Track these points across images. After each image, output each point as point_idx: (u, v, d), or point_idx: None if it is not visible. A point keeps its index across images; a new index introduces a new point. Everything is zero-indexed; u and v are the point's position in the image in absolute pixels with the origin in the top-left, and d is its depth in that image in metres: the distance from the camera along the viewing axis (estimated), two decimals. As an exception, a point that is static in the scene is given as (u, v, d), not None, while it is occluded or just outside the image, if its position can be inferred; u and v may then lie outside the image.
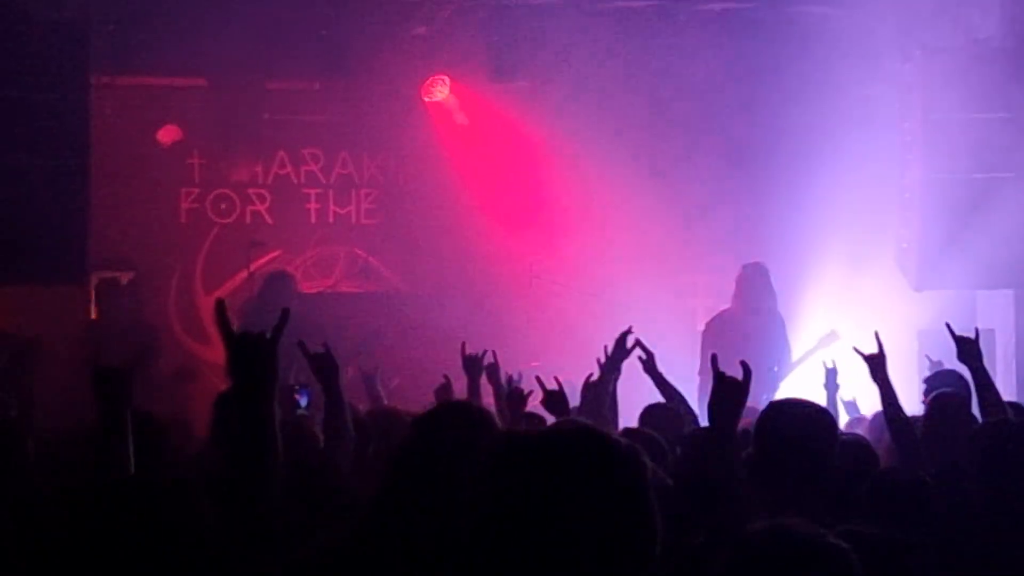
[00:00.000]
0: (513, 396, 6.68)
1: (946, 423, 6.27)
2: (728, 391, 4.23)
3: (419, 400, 8.87)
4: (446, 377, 7.40)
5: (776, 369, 10.48)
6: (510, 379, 7.34)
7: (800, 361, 10.69)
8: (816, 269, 11.91)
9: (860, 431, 6.96)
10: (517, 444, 2.44)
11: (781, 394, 9.36)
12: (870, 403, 8.61)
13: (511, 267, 12.66)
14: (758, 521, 2.91)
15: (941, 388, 7.02)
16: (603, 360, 7.21)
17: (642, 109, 12.58)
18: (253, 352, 3.60)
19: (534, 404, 6.66)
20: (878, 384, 6.34)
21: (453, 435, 3.81)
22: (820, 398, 8.59)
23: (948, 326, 6.74)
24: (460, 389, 7.32)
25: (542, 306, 12.48)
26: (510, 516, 2.34)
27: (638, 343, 7.02)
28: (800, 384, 10.18)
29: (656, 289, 12.41)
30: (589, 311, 11.73)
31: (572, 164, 12.72)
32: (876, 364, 6.40)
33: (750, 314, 10.72)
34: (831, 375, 8.54)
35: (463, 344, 7.23)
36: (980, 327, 7.05)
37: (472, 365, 7.13)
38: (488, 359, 7.47)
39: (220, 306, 3.71)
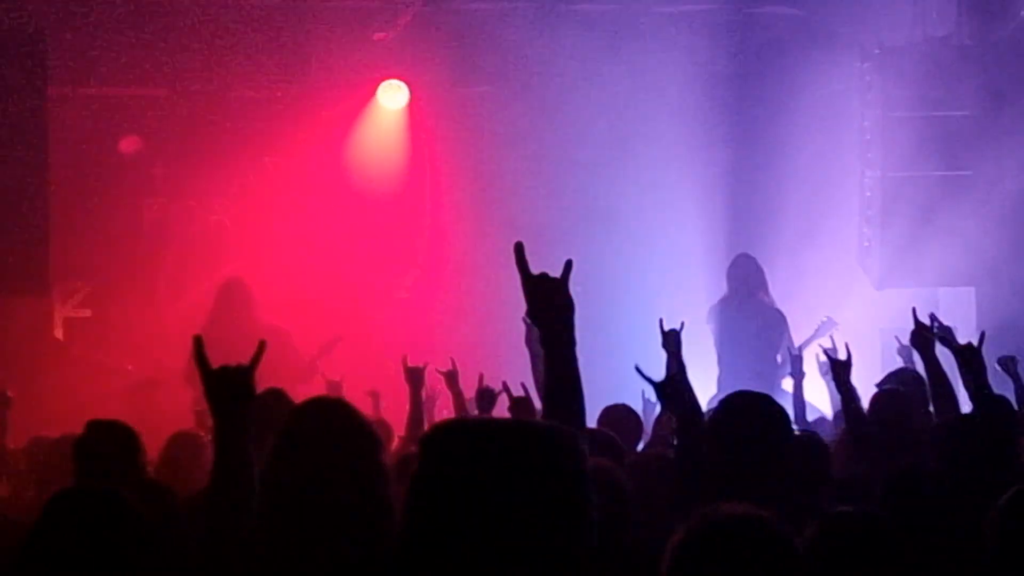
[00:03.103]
0: (483, 396, 6.76)
1: (887, 419, 6.34)
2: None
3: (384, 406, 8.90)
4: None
5: (779, 360, 10.51)
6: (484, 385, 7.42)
7: (801, 349, 10.68)
8: (777, 268, 11.95)
9: (821, 431, 7.02)
10: (452, 433, 2.47)
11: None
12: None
13: (476, 271, 12.64)
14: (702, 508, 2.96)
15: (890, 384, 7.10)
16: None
17: (605, 111, 12.60)
18: (230, 385, 3.72)
19: (500, 411, 6.71)
20: (840, 388, 6.46)
21: (319, 432, 3.88)
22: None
23: (914, 310, 6.83)
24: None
25: (510, 311, 12.46)
26: (444, 505, 2.36)
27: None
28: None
29: (622, 291, 12.43)
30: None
31: (536, 168, 12.73)
32: (841, 369, 6.52)
33: (749, 305, 10.73)
34: (797, 362, 8.63)
35: (404, 357, 7.30)
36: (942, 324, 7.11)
37: (414, 377, 7.20)
38: (448, 366, 7.55)
39: (198, 343, 3.80)
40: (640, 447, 6.98)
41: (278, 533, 3.72)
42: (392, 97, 12.69)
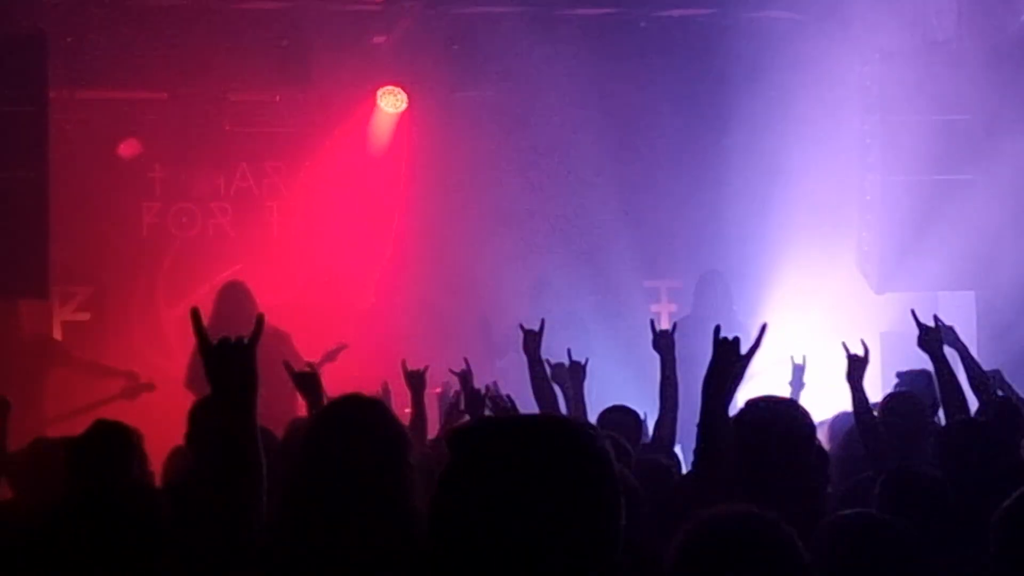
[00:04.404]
0: (474, 401, 6.75)
1: (899, 422, 6.33)
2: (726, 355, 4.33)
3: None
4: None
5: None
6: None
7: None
8: (778, 273, 11.95)
9: (819, 433, 7.00)
10: (481, 432, 2.45)
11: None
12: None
13: (478, 277, 12.63)
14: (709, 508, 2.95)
15: (907, 386, 7.10)
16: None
17: (605, 116, 12.60)
18: (231, 360, 3.58)
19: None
20: (851, 385, 6.44)
21: (349, 427, 3.84)
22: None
23: (913, 312, 6.82)
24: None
25: (506, 314, 12.46)
26: (473, 505, 2.34)
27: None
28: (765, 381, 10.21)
29: (620, 295, 12.44)
30: (553, 319, 11.72)
31: (535, 172, 12.72)
32: (856, 366, 6.49)
33: (713, 320, 10.75)
34: (798, 372, 8.57)
35: (403, 361, 7.28)
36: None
37: (414, 381, 7.17)
38: (460, 366, 7.54)
39: (196, 316, 3.72)
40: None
41: (306, 529, 3.68)
42: (391, 101, 12.69)
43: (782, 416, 4.60)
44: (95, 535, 3.73)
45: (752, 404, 4.71)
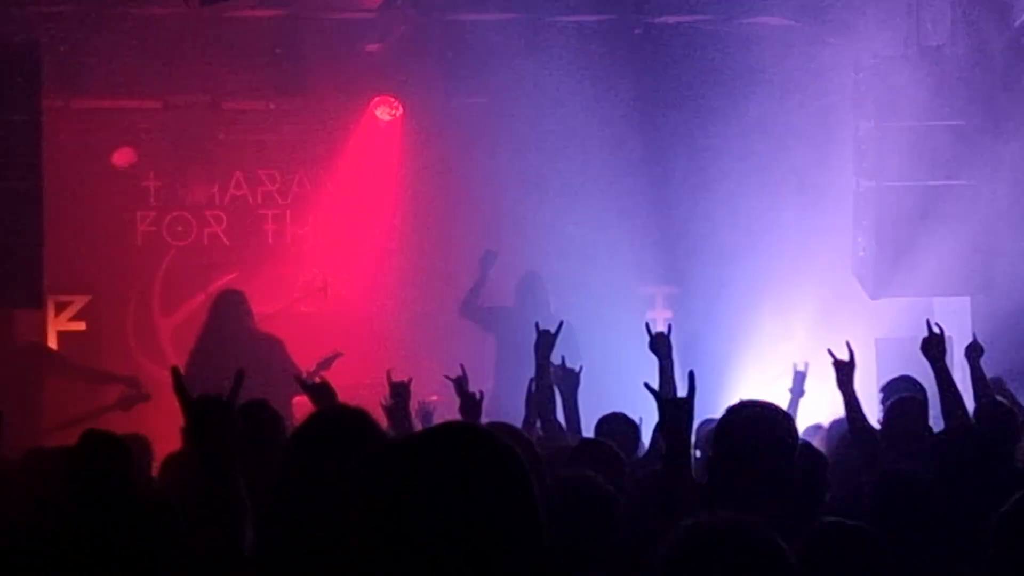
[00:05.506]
0: (470, 406, 6.76)
1: (905, 427, 6.33)
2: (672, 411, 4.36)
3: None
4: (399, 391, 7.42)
5: None
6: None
7: None
8: (773, 278, 11.94)
9: (817, 439, 7.02)
10: (392, 446, 2.48)
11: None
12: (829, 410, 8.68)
13: (467, 281, 12.63)
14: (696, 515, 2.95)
15: (899, 393, 7.09)
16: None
17: (599, 122, 12.60)
18: (212, 416, 3.66)
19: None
20: (843, 391, 6.45)
21: (332, 440, 3.85)
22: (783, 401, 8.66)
23: (928, 323, 6.83)
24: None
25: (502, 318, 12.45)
26: (387, 516, 2.36)
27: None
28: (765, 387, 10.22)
29: (616, 302, 12.43)
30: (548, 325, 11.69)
31: (529, 179, 12.72)
32: (844, 371, 6.50)
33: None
34: (799, 378, 8.58)
35: (388, 372, 7.26)
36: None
37: (398, 392, 7.16)
38: (457, 372, 7.53)
39: (176, 374, 3.75)
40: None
41: (293, 534, 3.69)
42: (385, 110, 12.70)
43: (764, 420, 4.58)
44: (98, 540, 3.75)
45: (733, 410, 4.69)
